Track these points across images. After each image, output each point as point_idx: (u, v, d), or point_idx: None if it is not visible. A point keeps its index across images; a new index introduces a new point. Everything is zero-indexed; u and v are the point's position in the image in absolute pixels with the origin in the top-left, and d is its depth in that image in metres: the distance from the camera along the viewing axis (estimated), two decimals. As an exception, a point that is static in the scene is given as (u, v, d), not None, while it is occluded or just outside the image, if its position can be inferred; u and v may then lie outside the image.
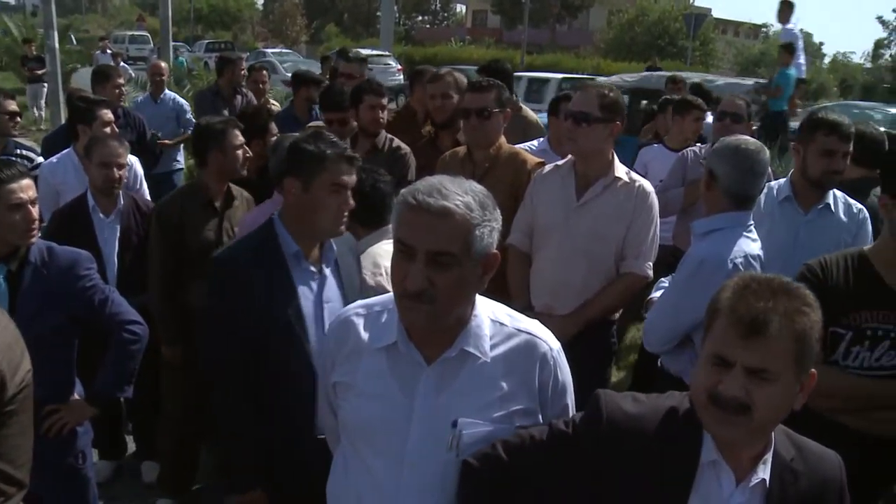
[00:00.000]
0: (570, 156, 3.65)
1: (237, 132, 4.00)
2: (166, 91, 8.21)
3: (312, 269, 2.70)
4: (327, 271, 2.72)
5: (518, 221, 3.73)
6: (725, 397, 1.62)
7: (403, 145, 4.69)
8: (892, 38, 67.00)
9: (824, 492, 1.75)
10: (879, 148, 4.03)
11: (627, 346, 6.08)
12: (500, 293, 2.45)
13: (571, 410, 2.07)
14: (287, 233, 2.67)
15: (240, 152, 3.98)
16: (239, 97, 7.55)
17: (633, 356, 5.75)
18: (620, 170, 3.57)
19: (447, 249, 1.76)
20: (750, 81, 13.56)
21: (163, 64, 8.65)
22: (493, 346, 1.93)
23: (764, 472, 1.71)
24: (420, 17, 70.01)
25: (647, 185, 3.57)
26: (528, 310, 3.42)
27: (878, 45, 70.45)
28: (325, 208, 2.62)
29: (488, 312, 1.97)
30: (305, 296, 2.66)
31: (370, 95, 4.55)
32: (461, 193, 1.78)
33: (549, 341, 2.01)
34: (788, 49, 11.55)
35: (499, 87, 4.04)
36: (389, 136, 4.73)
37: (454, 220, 1.76)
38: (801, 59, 12.09)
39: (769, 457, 1.72)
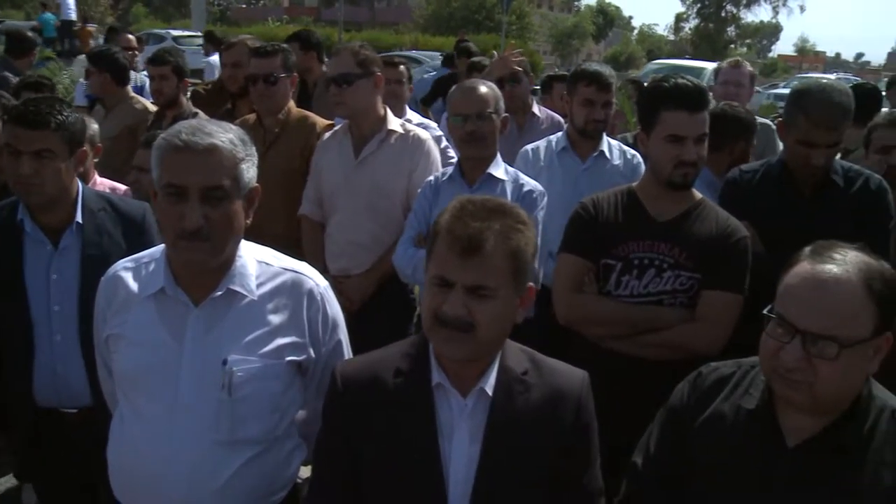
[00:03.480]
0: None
1: None
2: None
3: (43, 241, 2.57)
4: (65, 244, 2.58)
5: (307, 191, 3.76)
6: (449, 317, 1.68)
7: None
8: (690, 11, 71.40)
9: (559, 404, 1.84)
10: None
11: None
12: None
13: (345, 348, 2.16)
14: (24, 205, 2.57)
15: None
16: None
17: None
18: (395, 123, 3.63)
19: (219, 184, 1.83)
20: None
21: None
22: (259, 285, 2.00)
23: (484, 382, 1.79)
24: (235, -3, 67.98)
25: (423, 134, 3.65)
26: (326, 275, 3.42)
27: (679, 18, 74.95)
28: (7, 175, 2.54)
29: (253, 254, 2.03)
30: (30, 267, 2.55)
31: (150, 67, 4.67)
32: (223, 131, 1.88)
33: (316, 278, 2.10)
34: None
35: (284, 52, 3.99)
36: (194, 109, 4.73)
37: (222, 155, 1.84)
38: None
39: (493, 369, 1.80)
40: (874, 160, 3.50)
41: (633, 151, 3.77)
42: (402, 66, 4.82)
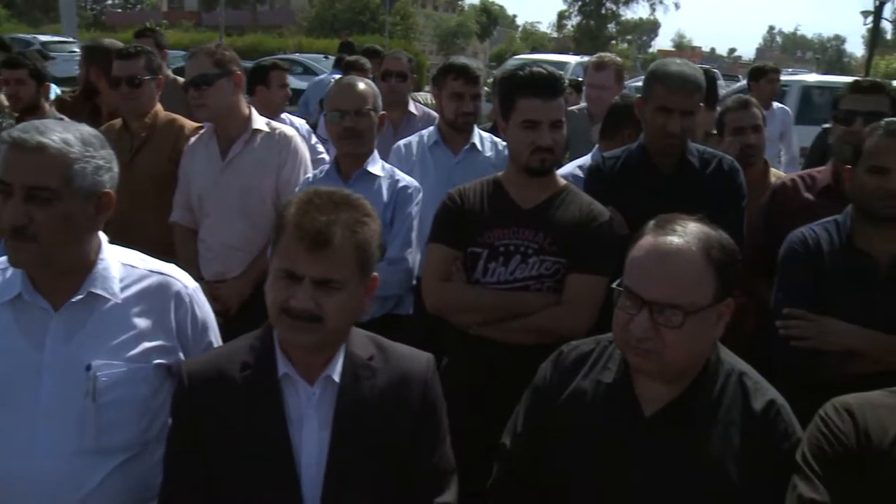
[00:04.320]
0: None
1: None
2: None
3: None
4: None
5: (177, 197, 3.69)
6: (297, 310, 1.69)
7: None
8: (572, 9, 73.12)
9: (406, 386, 1.89)
10: None
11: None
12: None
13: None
14: None
15: None
16: None
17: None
18: (260, 122, 3.60)
19: (44, 184, 1.78)
20: None
21: None
22: (124, 288, 1.95)
23: (331, 370, 1.82)
24: (110, 1, 65.55)
25: (289, 131, 3.64)
26: (200, 281, 3.35)
27: (561, 15, 76.70)
28: None
29: (118, 256, 1.98)
30: None
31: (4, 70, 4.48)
32: (60, 131, 1.81)
33: (184, 280, 2.06)
34: None
35: (148, 54, 3.88)
36: (59, 115, 4.46)
37: (50, 155, 1.78)
38: None
39: (339, 356, 1.83)
40: (728, 142, 3.68)
41: (504, 143, 3.83)
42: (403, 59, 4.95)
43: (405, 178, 3.35)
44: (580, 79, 6.67)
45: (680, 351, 1.73)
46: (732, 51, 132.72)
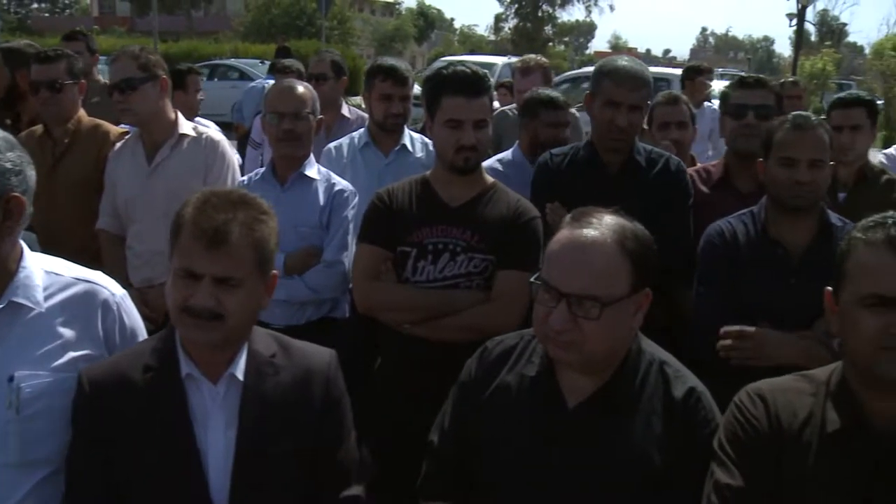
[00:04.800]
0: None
1: None
2: None
3: None
4: None
5: (103, 204, 3.64)
6: (198, 308, 1.71)
7: None
8: (508, 12, 73.69)
9: (308, 383, 1.93)
10: None
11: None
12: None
13: None
14: None
15: None
16: None
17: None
18: (186, 126, 3.56)
19: None
20: None
21: None
22: (48, 296, 1.89)
23: (234, 368, 1.84)
24: (36, 5, 63.81)
25: (216, 135, 3.62)
26: (129, 288, 3.30)
27: (498, 18, 77.19)
28: None
29: (41, 264, 1.93)
30: None
31: None
32: None
33: (111, 287, 2.03)
34: None
35: (69, 58, 3.80)
36: None
37: None
38: None
39: (241, 355, 1.86)
40: (655, 136, 3.77)
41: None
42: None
43: (341, 182, 3.34)
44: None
45: (599, 342, 1.76)
46: (667, 52, 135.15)
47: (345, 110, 5.05)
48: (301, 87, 3.30)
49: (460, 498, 1.99)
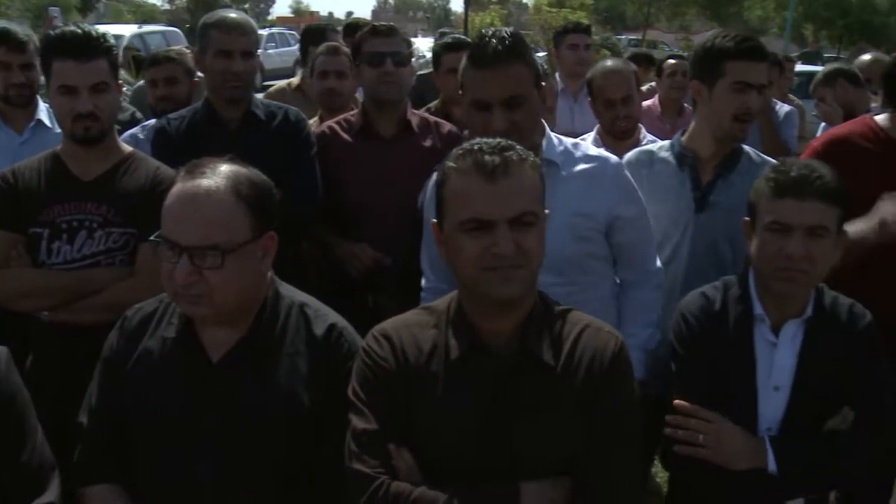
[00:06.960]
0: None
1: None
2: None
3: None
4: None
5: None
6: None
7: None
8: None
9: None
10: None
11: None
12: None
13: None
14: None
15: None
16: None
17: None
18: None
19: None
20: None
21: None
22: None
23: None
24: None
25: None
26: None
27: None
28: None
29: None
30: None
31: None
32: None
33: None
34: None
35: None
36: None
37: None
38: None
39: None
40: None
41: None
42: None
43: None
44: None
45: (228, 291, 1.76)
46: (350, 13, 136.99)
47: None
48: None
49: (119, 476, 1.92)
